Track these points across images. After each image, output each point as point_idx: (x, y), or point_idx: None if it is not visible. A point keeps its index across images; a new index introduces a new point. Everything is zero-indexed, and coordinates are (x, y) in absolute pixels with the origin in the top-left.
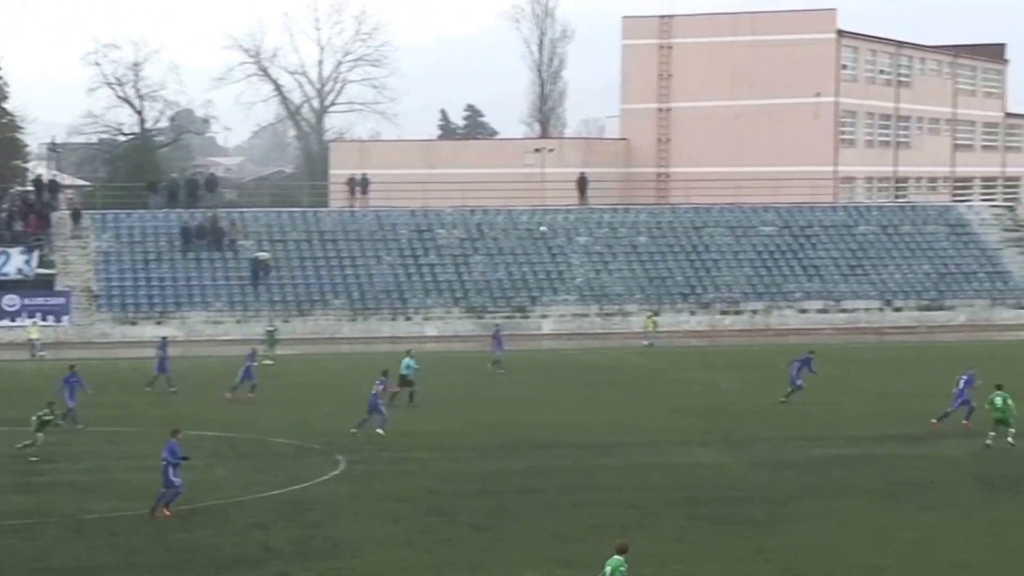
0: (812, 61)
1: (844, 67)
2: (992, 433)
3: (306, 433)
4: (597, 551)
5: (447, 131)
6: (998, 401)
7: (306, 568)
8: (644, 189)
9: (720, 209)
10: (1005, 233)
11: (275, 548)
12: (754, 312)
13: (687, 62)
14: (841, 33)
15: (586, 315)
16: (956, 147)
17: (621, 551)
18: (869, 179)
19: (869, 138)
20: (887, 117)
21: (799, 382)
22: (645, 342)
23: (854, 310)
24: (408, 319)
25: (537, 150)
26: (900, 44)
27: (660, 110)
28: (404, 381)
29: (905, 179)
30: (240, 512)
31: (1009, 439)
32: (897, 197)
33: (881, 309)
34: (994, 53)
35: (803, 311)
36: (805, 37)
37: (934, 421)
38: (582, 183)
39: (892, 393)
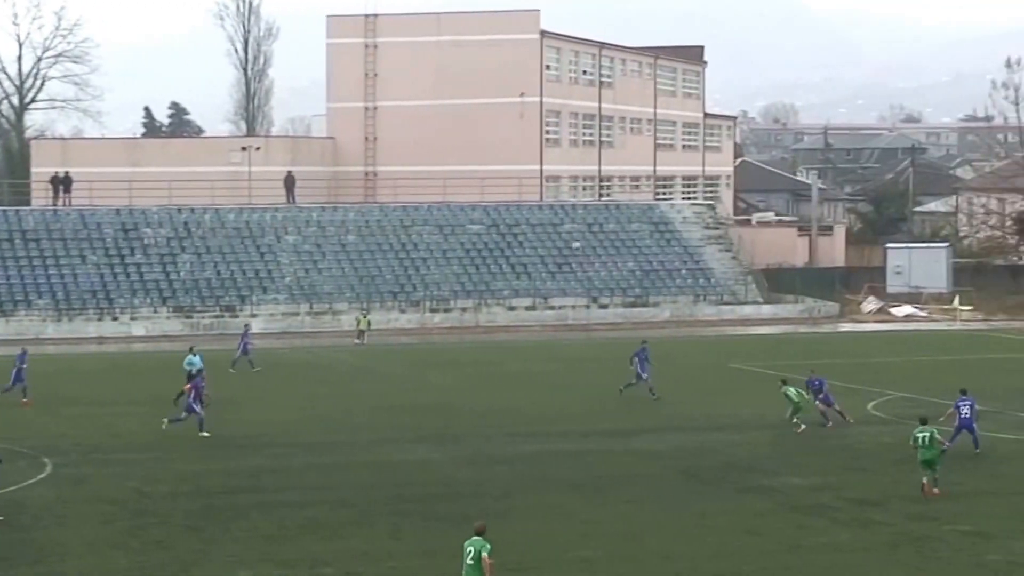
0: (516, 61)
1: (548, 67)
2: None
3: (10, 436)
4: (310, 550)
5: (152, 129)
6: (792, 393)
7: (11, 575)
8: (352, 188)
9: (428, 208)
10: (706, 231)
11: None
12: (463, 310)
13: (392, 61)
14: (544, 34)
15: (296, 314)
16: (658, 146)
17: (479, 532)
18: (574, 178)
19: (573, 137)
20: (591, 117)
21: (644, 375)
22: (356, 340)
23: (561, 307)
24: (115, 319)
25: (243, 148)
26: (602, 45)
27: (366, 109)
28: (190, 378)
29: (609, 178)
30: None
31: (802, 425)
32: (601, 196)
33: (588, 306)
34: (693, 55)
35: (512, 308)
36: (509, 37)
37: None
38: (289, 182)
39: (599, 389)
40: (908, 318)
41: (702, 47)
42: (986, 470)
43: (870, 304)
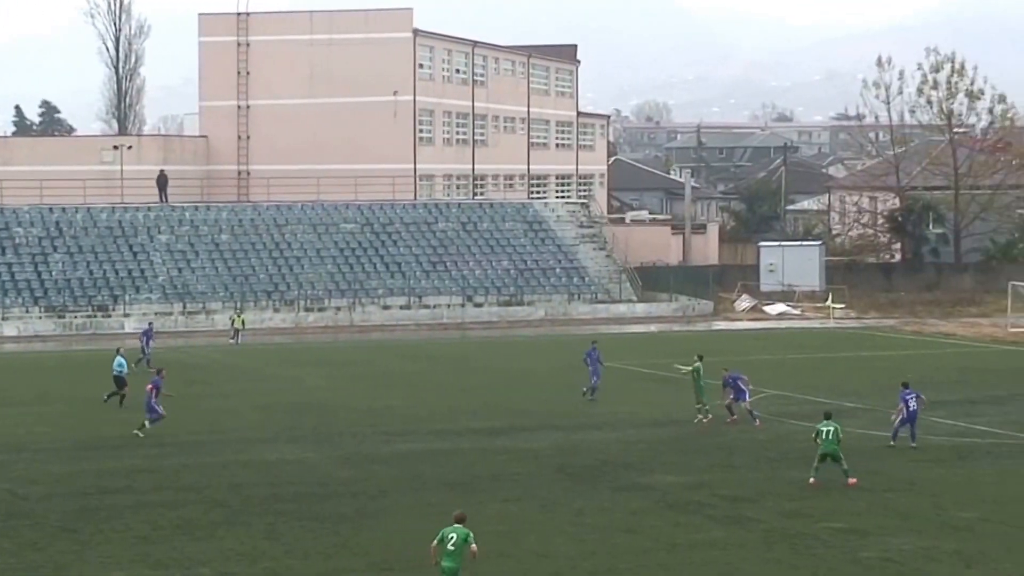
0: (390, 60)
1: (421, 66)
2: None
3: None
4: (184, 550)
5: (22, 128)
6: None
7: None
8: (225, 187)
9: (302, 207)
10: (580, 229)
11: None
12: (338, 309)
13: (265, 60)
14: (417, 32)
15: (170, 313)
16: (531, 145)
17: (460, 521)
18: (448, 177)
19: (447, 136)
20: (464, 116)
21: (594, 377)
22: (231, 340)
23: (436, 306)
24: None
25: (115, 147)
26: (475, 44)
27: (239, 108)
28: (118, 381)
29: (483, 177)
30: None
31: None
32: (475, 194)
33: (463, 305)
34: (566, 54)
35: (386, 307)
36: (382, 36)
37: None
38: (162, 181)
39: (475, 387)
40: (781, 316)
41: (575, 46)
42: (859, 467)
43: (743, 302)
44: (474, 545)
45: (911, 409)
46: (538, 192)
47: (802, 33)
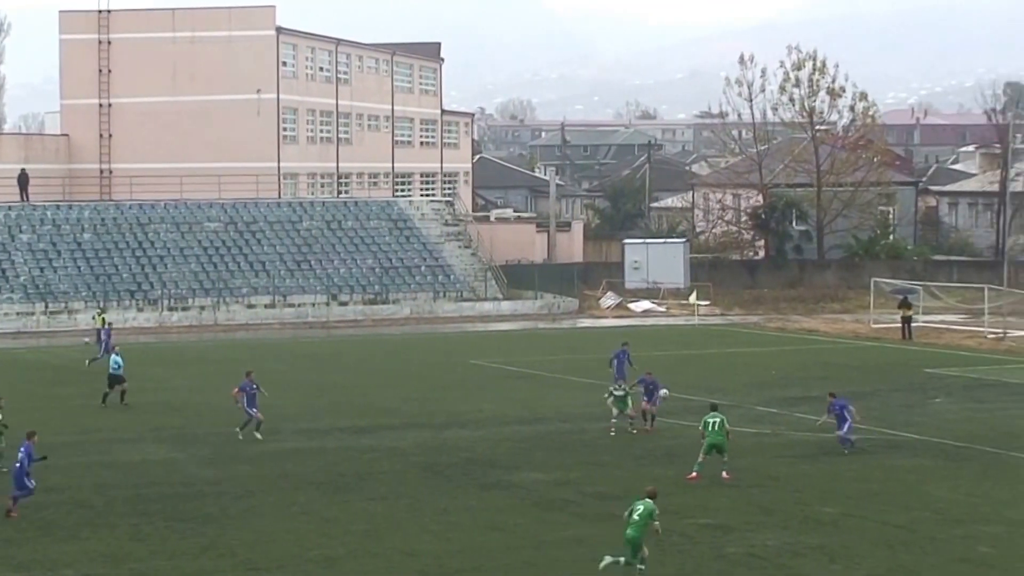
0: (253, 58)
1: (284, 64)
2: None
3: None
4: (47, 552)
5: None
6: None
7: None
8: (87, 186)
9: (165, 205)
10: (445, 228)
11: None
12: (202, 308)
13: (127, 57)
14: (280, 30)
15: (32, 313)
16: (396, 143)
17: (651, 495)
18: (312, 175)
19: (311, 134)
20: (328, 114)
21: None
22: (86, 339)
23: (301, 305)
24: None
25: None
26: (339, 42)
27: (101, 106)
28: (114, 379)
29: (347, 175)
30: None
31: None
32: (340, 193)
33: (327, 303)
34: (430, 52)
35: (251, 306)
36: (245, 34)
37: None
38: (23, 180)
39: (341, 386)
40: (646, 313)
41: (439, 44)
42: (719, 467)
43: (609, 300)
44: (657, 523)
45: (847, 425)
46: (403, 190)
47: (666, 32)
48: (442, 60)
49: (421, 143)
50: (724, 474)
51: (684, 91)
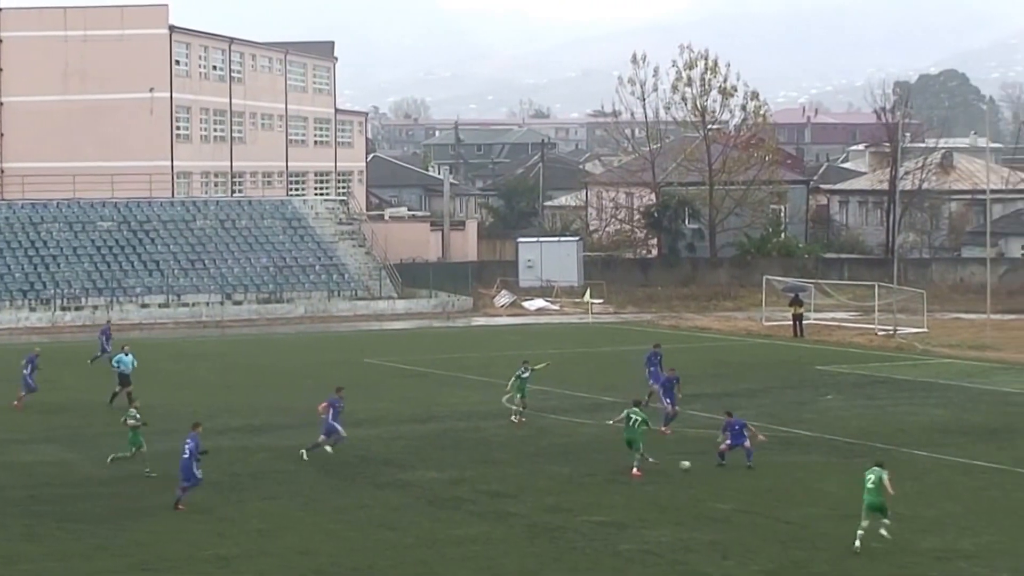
0: (145, 56)
1: (177, 63)
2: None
3: None
4: None
5: None
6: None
7: None
8: None
9: (58, 204)
10: (339, 226)
11: None
12: (95, 308)
13: (18, 56)
14: (173, 29)
15: None
16: (290, 142)
17: (879, 464)
18: (206, 174)
19: (204, 133)
20: (221, 113)
21: (652, 381)
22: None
23: (195, 304)
24: None
25: None
26: (232, 40)
27: None
28: (123, 379)
29: (241, 174)
30: None
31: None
32: (234, 192)
33: (222, 303)
34: (324, 51)
35: (144, 306)
36: (138, 32)
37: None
38: None
39: (235, 386)
40: (540, 311)
41: (332, 43)
42: (620, 462)
43: (503, 298)
44: (888, 483)
45: (735, 432)
46: (297, 189)
47: (560, 31)
48: (335, 59)
49: (315, 142)
50: (634, 471)
51: (577, 90)
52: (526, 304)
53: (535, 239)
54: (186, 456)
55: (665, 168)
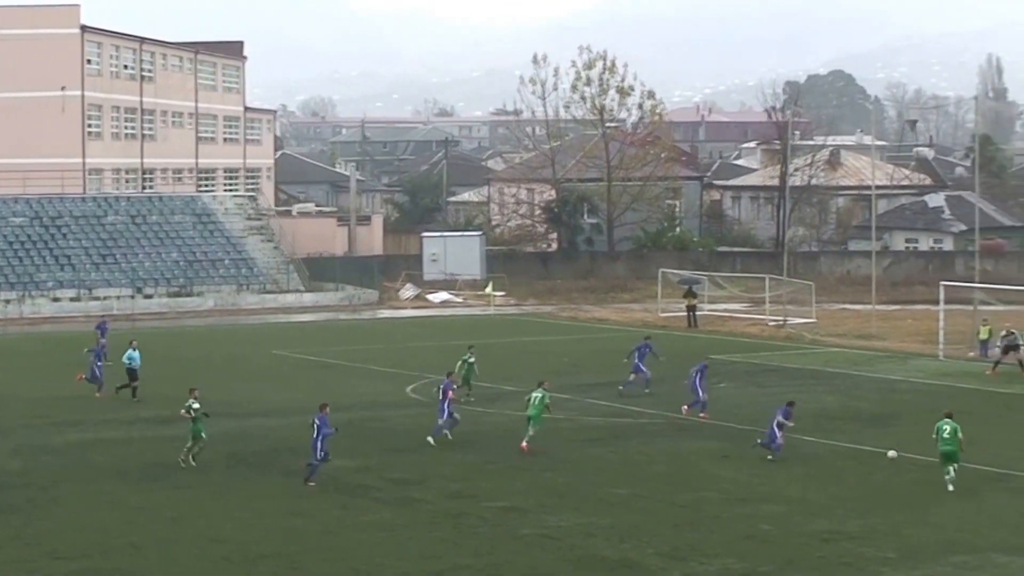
0: (57, 56)
1: (89, 62)
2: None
3: None
4: None
5: None
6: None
7: None
8: None
9: None
10: (248, 222)
11: None
12: (7, 302)
13: None
14: (85, 28)
15: None
16: (200, 140)
17: (949, 416)
18: (117, 170)
19: (116, 131)
20: (133, 111)
21: (645, 371)
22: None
23: (106, 298)
24: None
25: None
26: (143, 40)
27: None
28: (131, 374)
29: (152, 170)
30: None
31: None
32: (145, 188)
33: (132, 296)
34: (233, 50)
35: (56, 300)
36: (49, 32)
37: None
38: None
39: (145, 378)
40: (444, 304)
41: (241, 43)
42: (518, 449)
43: (408, 291)
44: (961, 435)
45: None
46: (206, 185)
47: (463, 32)
48: (245, 59)
49: (224, 139)
50: (523, 444)
51: (480, 89)
52: (430, 297)
53: (439, 234)
54: (319, 435)
55: (565, 165)
